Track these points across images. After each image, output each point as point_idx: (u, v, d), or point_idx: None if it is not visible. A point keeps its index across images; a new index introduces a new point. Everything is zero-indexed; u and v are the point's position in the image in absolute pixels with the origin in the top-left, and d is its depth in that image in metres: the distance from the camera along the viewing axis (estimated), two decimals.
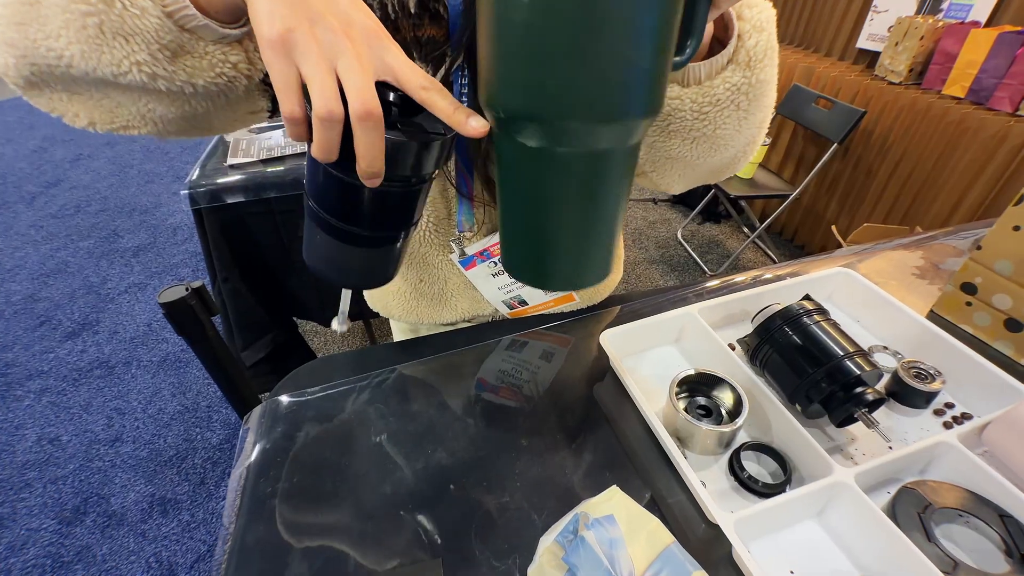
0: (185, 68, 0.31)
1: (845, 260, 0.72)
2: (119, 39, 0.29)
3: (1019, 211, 0.52)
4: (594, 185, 0.29)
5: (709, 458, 0.46)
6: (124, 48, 0.29)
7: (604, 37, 0.23)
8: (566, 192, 0.30)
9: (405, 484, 0.45)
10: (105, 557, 1.24)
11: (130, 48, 0.29)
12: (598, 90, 0.25)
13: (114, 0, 0.28)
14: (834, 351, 0.46)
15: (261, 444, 0.49)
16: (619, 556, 0.32)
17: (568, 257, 0.33)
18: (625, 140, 0.28)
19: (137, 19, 0.29)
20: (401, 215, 0.33)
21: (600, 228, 0.32)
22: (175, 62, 0.31)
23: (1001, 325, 0.55)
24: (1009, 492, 0.38)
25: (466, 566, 0.39)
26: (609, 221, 0.32)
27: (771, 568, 0.38)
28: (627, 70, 0.24)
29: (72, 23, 0.28)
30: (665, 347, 0.58)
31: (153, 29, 0.29)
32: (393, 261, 0.37)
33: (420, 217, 0.35)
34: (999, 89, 1.51)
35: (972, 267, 0.57)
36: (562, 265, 0.33)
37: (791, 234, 2.27)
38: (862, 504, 0.38)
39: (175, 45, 0.30)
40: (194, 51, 0.31)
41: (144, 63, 0.30)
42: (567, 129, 0.26)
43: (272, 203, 1.14)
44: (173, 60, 0.31)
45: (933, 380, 0.49)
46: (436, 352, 0.59)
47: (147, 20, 0.29)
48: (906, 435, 0.47)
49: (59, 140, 3.59)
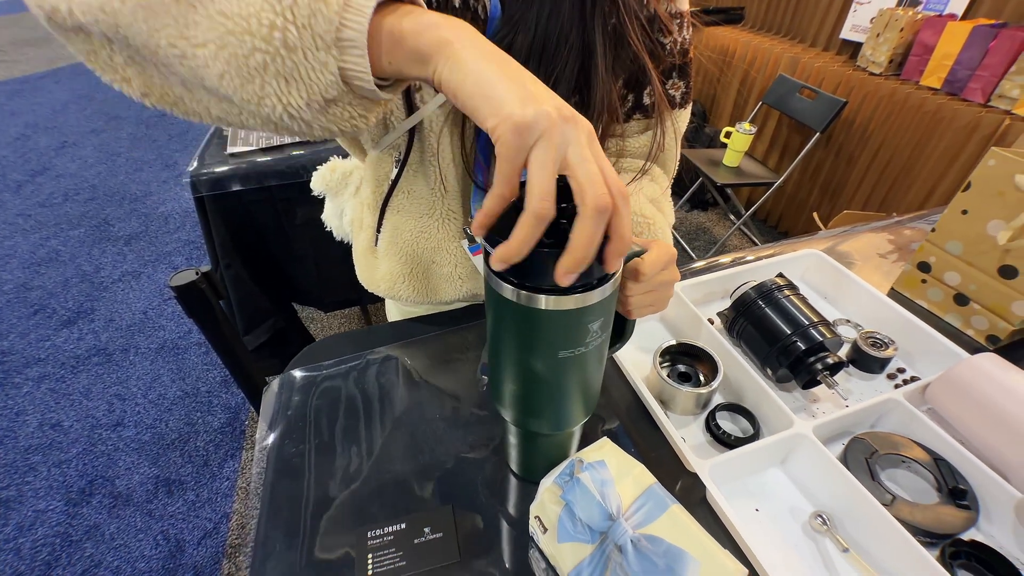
0: (329, 117, 0.30)
1: (824, 243, 0.77)
2: (279, 79, 0.28)
3: (967, 196, 0.58)
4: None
5: (688, 417, 0.52)
6: (280, 88, 0.28)
7: (566, 402, 0.36)
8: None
9: (416, 444, 0.50)
10: (114, 535, 1.28)
11: (287, 90, 0.28)
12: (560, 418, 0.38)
13: (296, 48, 0.27)
14: (801, 320, 0.51)
15: (283, 412, 0.53)
16: (609, 493, 0.37)
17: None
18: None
19: (311, 71, 0.27)
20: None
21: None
22: (325, 112, 0.30)
23: (951, 300, 0.61)
24: (943, 439, 0.44)
25: (473, 510, 0.44)
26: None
27: (740, 506, 0.44)
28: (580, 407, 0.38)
29: (232, 49, 0.27)
30: (651, 321, 0.64)
31: (324, 83, 0.28)
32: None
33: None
34: (972, 80, 1.57)
35: (927, 248, 0.62)
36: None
37: (775, 221, 2.33)
38: (819, 452, 0.44)
39: (334, 99, 0.29)
40: (344, 103, 0.30)
41: (294, 107, 0.29)
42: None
43: (273, 191, 1.17)
44: (323, 110, 0.30)
45: (887, 348, 0.55)
46: (439, 329, 0.63)
47: (322, 75, 0.28)
48: (862, 396, 0.53)
49: (42, 128, 3.53)
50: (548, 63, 0.43)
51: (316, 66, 0.27)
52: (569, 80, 0.44)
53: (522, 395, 0.37)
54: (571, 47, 0.43)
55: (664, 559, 0.33)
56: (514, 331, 0.32)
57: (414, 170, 0.52)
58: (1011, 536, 0.40)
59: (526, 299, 0.29)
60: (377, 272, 0.60)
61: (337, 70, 0.28)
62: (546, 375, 0.34)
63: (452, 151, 0.51)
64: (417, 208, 0.55)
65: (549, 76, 0.44)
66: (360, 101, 0.31)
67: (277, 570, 0.40)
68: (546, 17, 0.41)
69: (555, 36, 0.42)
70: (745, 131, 2.01)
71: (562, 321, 0.30)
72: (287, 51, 0.27)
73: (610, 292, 0.30)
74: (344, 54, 0.28)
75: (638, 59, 0.46)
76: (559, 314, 0.29)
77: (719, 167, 2.07)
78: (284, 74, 0.28)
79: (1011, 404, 0.42)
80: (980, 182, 0.56)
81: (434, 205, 0.54)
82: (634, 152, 0.55)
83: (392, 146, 0.51)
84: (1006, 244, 0.54)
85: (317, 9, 0.26)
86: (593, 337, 0.32)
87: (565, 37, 0.42)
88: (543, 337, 0.31)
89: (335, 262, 1.34)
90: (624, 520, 0.35)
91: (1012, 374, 0.45)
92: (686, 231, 2.40)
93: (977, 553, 0.38)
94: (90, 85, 4.43)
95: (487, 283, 0.32)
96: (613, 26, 0.44)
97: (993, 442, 0.43)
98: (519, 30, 0.42)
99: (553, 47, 0.42)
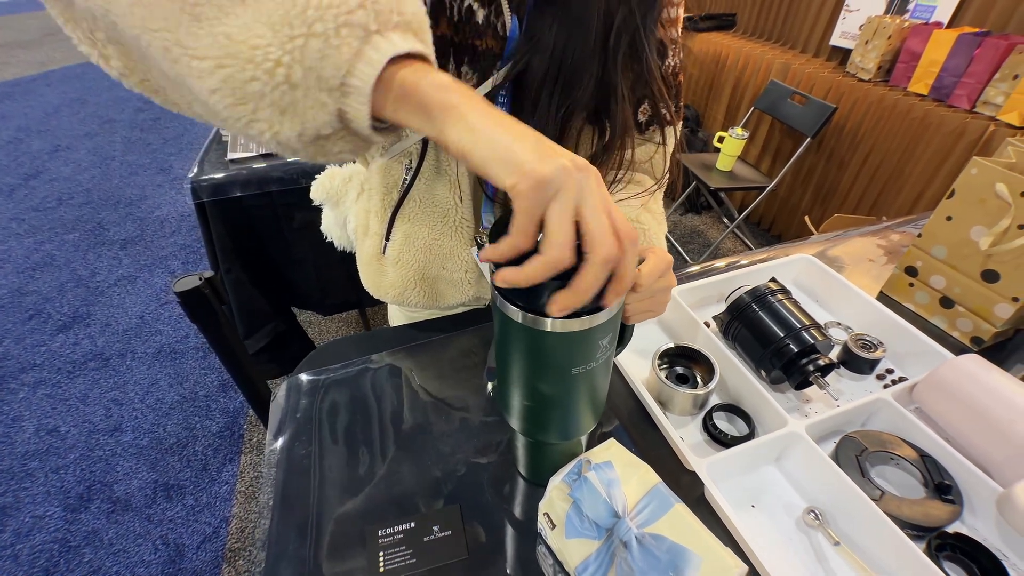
0: (318, 149, 0.30)
1: (816, 247, 0.80)
2: (274, 108, 0.27)
3: (951, 203, 0.60)
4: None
5: (687, 418, 0.53)
6: (272, 116, 0.27)
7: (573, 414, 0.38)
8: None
9: (424, 446, 0.51)
10: (112, 540, 1.28)
11: (280, 120, 0.27)
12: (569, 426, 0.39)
13: (297, 86, 0.26)
14: (793, 324, 0.53)
15: (291, 415, 0.55)
16: (615, 492, 0.39)
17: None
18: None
19: (309, 108, 0.27)
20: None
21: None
22: (314, 144, 0.29)
23: (937, 303, 0.63)
24: (930, 437, 0.46)
25: (481, 510, 0.45)
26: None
27: (736, 503, 0.45)
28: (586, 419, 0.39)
29: (230, 71, 0.25)
30: (649, 325, 0.65)
31: (319, 121, 0.27)
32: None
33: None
34: (958, 87, 1.61)
35: (914, 252, 0.65)
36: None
37: (768, 224, 2.37)
38: (811, 450, 0.46)
39: (327, 135, 0.29)
40: (336, 139, 0.30)
41: (283, 136, 0.28)
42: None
43: (273, 196, 1.18)
44: (314, 142, 0.29)
45: (876, 349, 0.57)
46: (442, 332, 0.65)
47: (318, 113, 0.27)
48: (853, 396, 0.55)
49: (35, 131, 3.50)
50: (566, 87, 0.43)
51: (314, 104, 0.27)
52: (587, 106, 0.45)
53: (532, 408, 0.37)
54: (591, 74, 0.43)
55: (667, 555, 0.35)
56: (523, 349, 0.33)
57: (427, 178, 0.53)
58: (994, 528, 0.42)
59: (532, 321, 0.30)
60: (385, 279, 0.61)
61: (336, 111, 0.27)
62: (557, 391, 0.35)
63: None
64: (431, 216, 0.55)
65: (565, 101, 0.44)
66: (353, 138, 0.30)
67: (290, 568, 0.42)
68: (564, 41, 0.41)
69: (572, 62, 0.42)
70: (738, 136, 2.04)
71: (574, 340, 0.31)
72: (288, 87, 0.26)
73: (616, 311, 0.32)
74: (346, 99, 0.27)
75: (652, 82, 0.46)
76: (570, 335, 0.30)
77: (713, 171, 2.10)
78: (280, 106, 0.27)
79: (993, 403, 0.44)
80: (963, 190, 0.59)
81: (448, 213, 0.55)
82: (637, 165, 0.57)
83: (403, 153, 0.52)
84: (988, 249, 0.56)
85: (327, 54, 0.26)
86: (603, 352, 0.33)
87: (586, 64, 0.42)
88: (555, 356, 0.32)
89: (334, 266, 1.35)
90: (629, 519, 0.37)
91: (994, 375, 0.47)
92: (681, 234, 2.43)
93: (961, 545, 0.40)
94: (83, 88, 4.41)
95: (494, 303, 0.32)
96: (631, 51, 0.44)
97: (976, 439, 0.45)
98: (537, 52, 0.42)
99: (570, 72, 0.42)
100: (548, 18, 0.42)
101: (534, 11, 0.42)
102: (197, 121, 0.35)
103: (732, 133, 2.05)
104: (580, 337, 0.31)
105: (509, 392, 0.38)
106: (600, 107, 0.46)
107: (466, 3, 0.42)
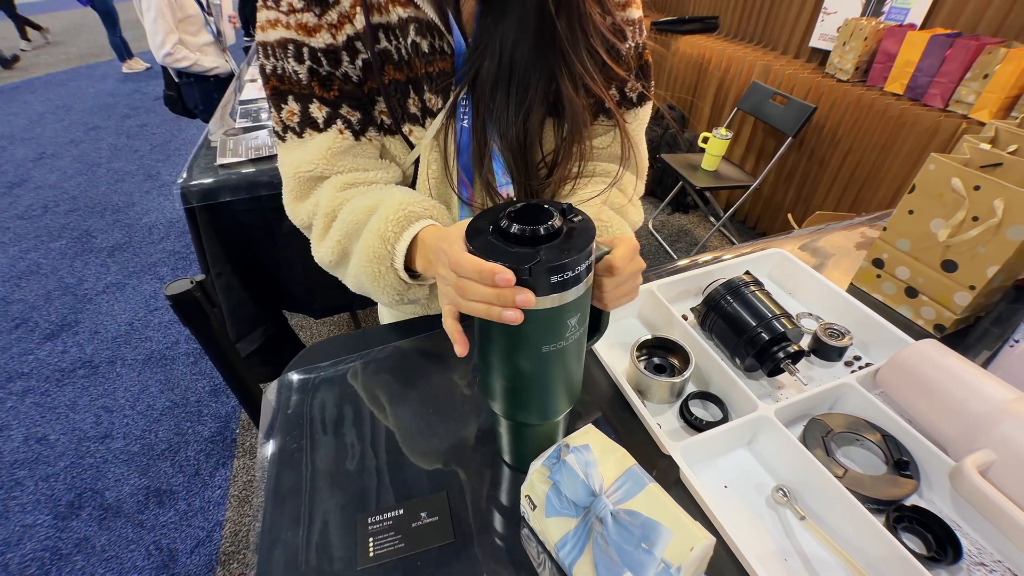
0: (386, 283, 0.52)
1: (797, 242, 0.83)
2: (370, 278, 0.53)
3: (913, 198, 0.63)
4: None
5: (664, 405, 0.56)
6: (368, 282, 0.53)
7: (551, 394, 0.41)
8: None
9: (411, 437, 0.53)
10: (104, 547, 1.28)
11: (373, 285, 0.53)
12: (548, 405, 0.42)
13: (379, 276, 0.52)
14: (765, 313, 0.56)
15: (283, 411, 0.56)
16: (593, 473, 0.41)
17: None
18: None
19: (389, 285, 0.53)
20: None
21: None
22: (403, 294, 0.54)
23: (903, 293, 0.66)
24: (891, 418, 0.49)
25: (467, 496, 0.47)
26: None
27: (710, 484, 0.48)
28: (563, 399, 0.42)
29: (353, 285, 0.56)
30: (628, 318, 0.68)
31: (390, 279, 0.52)
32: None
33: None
34: (932, 87, 1.66)
35: (880, 245, 0.68)
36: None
37: (753, 222, 2.41)
38: (780, 433, 0.48)
39: (390, 282, 0.53)
40: (392, 282, 0.52)
41: (373, 285, 0.54)
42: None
43: (263, 200, 1.19)
44: (401, 295, 0.54)
45: (843, 337, 0.60)
46: (431, 330, 0.67)
47: (387, 275, 0.51)
48: (822, 382, 0.58)
49: (18, 139, 3.47)
50: (519, 87, 0.46)
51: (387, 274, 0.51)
52: (543, 101, 0.47)
53: (509, 388, 0.40)
54: (539, 71, 0.46)
55: (641, 529, 0.37)
56: (500, 329, 0.36)
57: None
58: (948, 500, 0.45)
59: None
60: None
61: (397, 278, 0.51)
62: (531, 369, 0.38)
63: (438, 168, 0.54)
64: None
65: (523, 101, 0.47)
66: (402, 283, 0.53)
67: (284, 555, 0.43)
68: (511, 44, 0.44)
69: (522, 63, 0.45)
70: (722, 136, 2.08)
71: (543, 319, 0.34)
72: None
73: (583, 291, 0.34)
74: (392, 272, 0.51)
75: (604, 71, 0.49)
76: (539, 313, 0.33)
77: (698, 171, 2.14)
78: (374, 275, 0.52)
79: (947, 383, 0.47)
80: (923, 185, 0.62)
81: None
82: (601, 155, 0.59)
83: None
84: (946, 240, 0.59)
85: (387, 257, 0.51)
86: (572, 332, 0.36)
87: (533, 63, 0.45)
88: (526, 334, 0.35)
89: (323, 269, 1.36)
90: (606, 496, 0.39)
91: (950, 358, 0.50)
92: (668, 233, 2.47)
93: (918, 517, 0.43)
94: (67, 95, 4.37)
95: None
96: (580, 45, 0.46)
97: (933, 418, 0.47)
98: (485, 57, 0.45)
99: (521, 72, 0.45)
100: (492, 23, 0.44)
101: (481, 19, 0.45)
102: (184, 127, 0.44)
103: (716, 133, 2.09)
104: (548, 315, 0.34)
105: (490, 373, 0.40)
106: (558, 100, 0.48)
107: (409, 40, 0.45)
